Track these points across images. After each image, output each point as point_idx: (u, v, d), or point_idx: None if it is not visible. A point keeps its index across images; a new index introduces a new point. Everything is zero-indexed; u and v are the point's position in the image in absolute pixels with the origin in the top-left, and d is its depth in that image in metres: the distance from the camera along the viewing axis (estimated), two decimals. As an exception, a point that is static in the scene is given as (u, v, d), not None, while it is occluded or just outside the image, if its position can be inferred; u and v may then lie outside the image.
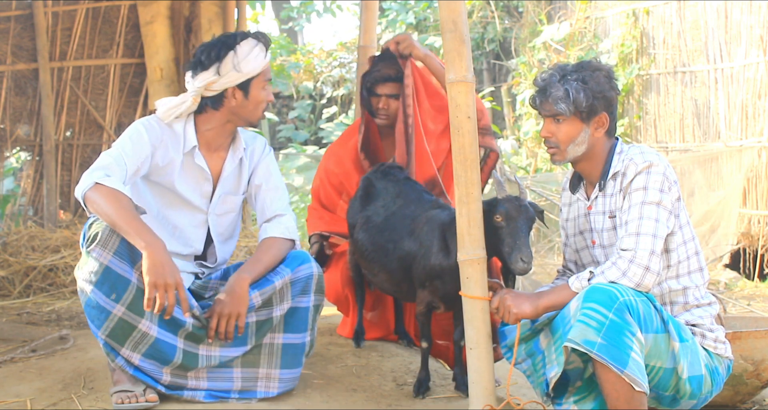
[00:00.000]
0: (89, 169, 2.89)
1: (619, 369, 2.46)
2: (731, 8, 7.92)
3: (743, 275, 7.46)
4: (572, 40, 9.84)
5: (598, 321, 2.48)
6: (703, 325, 2.73)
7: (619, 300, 2.50)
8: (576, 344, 2.50)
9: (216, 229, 3.23)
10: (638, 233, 2.60)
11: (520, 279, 5.70)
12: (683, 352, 2.60)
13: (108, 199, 2.76)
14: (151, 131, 3.05)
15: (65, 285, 5.61)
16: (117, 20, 6.92)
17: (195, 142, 3.11)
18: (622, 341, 2.47)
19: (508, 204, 2.82)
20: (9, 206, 7.16)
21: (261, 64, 3.05)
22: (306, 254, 3.10)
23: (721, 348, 2.74)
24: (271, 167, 3.27)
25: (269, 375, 3.02)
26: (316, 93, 12.66)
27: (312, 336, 3.08)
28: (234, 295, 2.94)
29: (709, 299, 2.78)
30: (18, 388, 3.16)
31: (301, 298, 3.04)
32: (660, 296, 2.73)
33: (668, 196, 2.67)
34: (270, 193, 3.22)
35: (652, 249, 2.58)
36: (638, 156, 2.73)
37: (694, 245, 2.76)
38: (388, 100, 3.65)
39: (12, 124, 6.84)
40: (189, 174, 3.14)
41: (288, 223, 3.17)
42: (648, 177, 2.67)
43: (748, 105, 7.72)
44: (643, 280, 2.57)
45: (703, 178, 7.84)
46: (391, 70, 3.64)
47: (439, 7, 2.85)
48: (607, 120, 2.79)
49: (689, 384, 2.62)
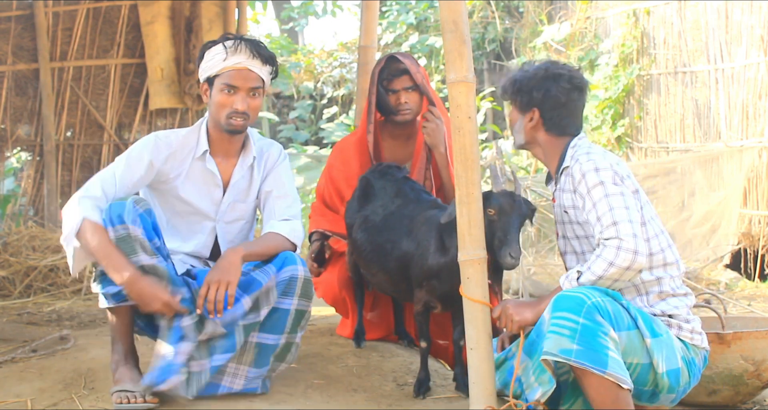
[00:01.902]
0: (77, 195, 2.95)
1: (601, 370, 2.47)
2: (732, 8, 7.92)
3: (744, 275, 7.46)
4: (573, 41, 9.85)
5: (570, 329, 2.50)
6: (679, 316, 2.75)
7: (587, 303, 2.52)
8: (553, 355, 2.52)
9: (224, 237, 3.23)
10: (615, 222, 2.62)
11: (521, 279, 5.69)
12: (656, 347, 2.62)
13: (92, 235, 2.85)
14: (154, 150, 3.08)
15: (66, 285, 5.61)
16: (117, 20, 6.92)
17: (206, 147, 3.12)
18: (598, 343, 2.49)
19: (502, 198, 2.84)
20: (9, 206, 7.16)
21: (216, 64, 3.05)
22: (295, 256, 3.05)
23: (697, 339, 2.76)
24: (283, 175, 3.25)
25: (237, 371, 2.97)
26: (316, 93, 12.67)
27: (288, 341, 3.02)
28: (225, 263, 2.91)
29: (684, 290, 2.80)
30: (18, 388, 3.16)
31: (283, 299, 2.99)
32: (635, 287, 2.75)
33: (624, 187, 2.70)
34: (279, 200, 3.20)
35: (633, 232, 2.59)
36: (583, 156, 2.78)
37: (665, 239, 2.79)
38: (408, 94, 3.64)
39: (13, 124, 6.84)
40: (199, 180, 3.15)
41: (296, 227, 3.15)
42: (598, 173, 2.71)
43: (748, 105, 7.72)
44: (633, 264, 2.58)
45: (704, 178, 7.84)
46: (400, 63, 3.64)
47: (440, 8, 2.85)
48: (536, 117, 2.88)
49: (667, 378, 2.65)
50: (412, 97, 3.63)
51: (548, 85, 2.86)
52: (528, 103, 2.89)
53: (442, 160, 3.57)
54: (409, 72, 3.60)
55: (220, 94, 3.06)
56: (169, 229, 3.16)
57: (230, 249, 2.97)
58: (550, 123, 2.89)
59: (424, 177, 3.63)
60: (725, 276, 7.24)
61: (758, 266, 7.47)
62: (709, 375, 3.22)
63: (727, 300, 5.53)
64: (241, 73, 3.06)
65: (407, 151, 3.74)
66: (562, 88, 2.85)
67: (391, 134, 3.76)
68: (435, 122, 3.55)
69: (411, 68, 3.60)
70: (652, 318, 2.68)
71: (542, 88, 2.86)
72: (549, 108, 2.87)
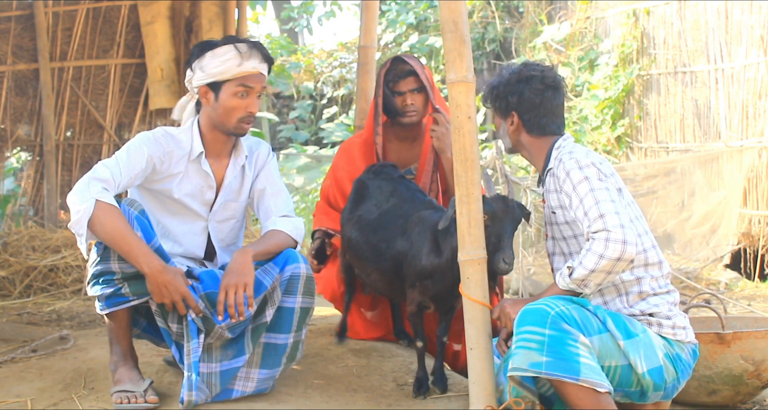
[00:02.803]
0: (86, 177, 2.88)
1: (574, 378, 2.48)
2: (732, 8, 7.91)
3: (744, 275, 7.46)
4: (573, 41, 9.85)
5: (536, 342, 2.52)
6: (659, 313, 2.75)
7: (551, 313, 2.54)
8: (522, 371, 2.54)
9: (216, 235, 3.23)
10: (602, 215, 2.62)
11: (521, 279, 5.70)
12: (632, 347, 2.63)
13: (109, 218, 2.79)
14: (153, 145, 3.05)
15: (66, 285, 5.61)
16: (117, 20, 6.92)
17: (202, 149, 3.12)
18: (568, 351, 2.51)
19: (495, 203, 2.84)
20: (9, 206, 7.16)
21: (231, 69, 3.02)
22: (297, 254, 3.06)
23: (681, 334, 2.76)
24: (274, 172, 3.26)
25: (248, 375, 2.99)
26: (316, 93, 12.67)
27: (296, 339, 3.03)
28: (237, 265, 2.90)
29: (667, 288, 2.80)
30: (18, 388, 3.16)
31: (286, 298, 3.00)
32: (615, 287, 2.76)
33: (608, 183, 2.72)
34: (275, 197, 3.21)
35: (620, 223, 2.60)
36: (566, 155, 2.80)
37: (648, 239, 2.80)
38: (413, 95, 3.63)
39: (12, 124, 6.84)
40: (193, 181, 3.14)
41: (297, 224, 3.16)
42: (582, 170, 2.72)
43: (748, 105, 7.72)
44: (623, 254, 2.58)
45: (704, 178, 7.84)
46: (406, 65, 3.63)
47: (440, 7, 2.85)
48: (516, 120, 2.92)
49: (650, 377, 2.65)
50: (418, 99, 3.62)
51: (521, 87, 2.90)
52: (506, 108, 2.94)
53: (449, 165, 3.56)
54: (416, 73, 3.59)
55: (233, 98, 3.05)
56: (159, 230, 3.13)
57: (239, 251, 2.97)
58: (529, 124, 2.92)
59: (431, 180, 3.62)
60: (725, 276, 7.23)
61: (758, 266, 7.47)
62: (709, 375, 3.22)
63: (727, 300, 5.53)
64: (254, 77, 3.07)
65: (413, 153, 3.74)
66: (535, 88, 2.89)
67: (397, 136, 3.75)
68: (444, 126, 3.54)
69: (417, 69, 3.59)
70: (626, 319, 2.69)
71: (516, 92, 2.90)
72: (525, 110, 2.91)
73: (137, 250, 2.80)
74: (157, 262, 2.81)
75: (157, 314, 2.93)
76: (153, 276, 2.80)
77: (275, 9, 15.14)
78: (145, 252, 2.81)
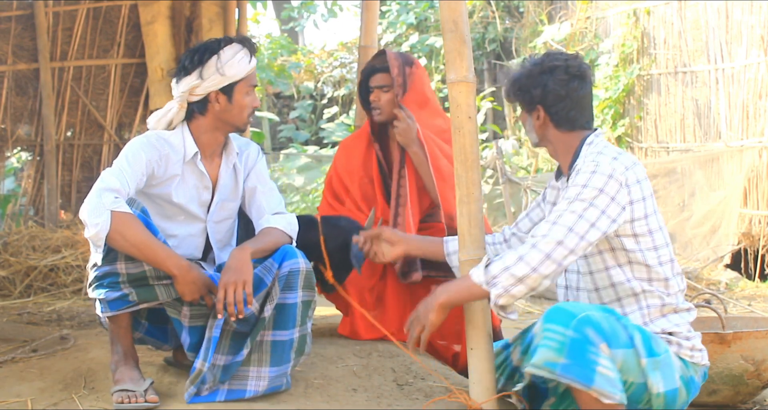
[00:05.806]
0: (96, 188, 2.84)
1: (586, 385, 2.40)
2: (732, 8, 7.92)
3: (744, 275, 7.46)
4: (573, 40, 9.85)
5: (558, 342, 2.43)
6: (679, 333, 2.66)
7: (578, 316, 2.44)
8: (537, 368, 2.46)
9: (215, 236, 3.23)
10: (555, 222, 2.54)
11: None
12: (652, 367, 2.52)
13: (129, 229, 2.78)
14: (150, 149, 3.03)
15: (66, 285, 5.61)
16: (118, 20, 6.92)
17: (196, 149, 3.10)
18: (587, 357, 2.41)
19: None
20: (10, 206, 7.17)
21: (245, 68, 3.04)
22: (294, 249, 3.06)
23: (697, 357, 2.68)
24: (263, 171, 3.28)
25: (259, 374, 2.99)
26: (316, 93, 12.68)
27: (302, 333, 3.03)
28: (236, 263, 2.89)
29: (687, 305, 2.71)
30: (19, 388, 3.16)
31: (287, 294, 2.99)
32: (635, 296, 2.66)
33: (607, 197, 2.56)
34: (266, 195, 3.22)
35: (561, 239, 2.50)
36: (594, 155, 2.66)
37: (668, 252, 2.69)
38: (379, 93, 3.60)
39: (13, 124, 6.83)
40: (189, 184, 3.13)
41: (291, 219, 3.17)
42: (591, 176, 2.58)
43: (748, 105, 7.72)
44: (540, 266, 2.50)
45: (704, 178, 7.85)
46: (376, 60, 3.62)
47: (440, 7, 2.85)
48: (542, 114, 2.77)
49: (663, 398, 2.56)
50: (383, 97, 3.59)
51: (545, 79, 2.72)
52: (531, 102, 2.77)
53: (418, 158, 3.53)
54: (388, 70, 3.55)
55: (246, 96, 3.07)
56: None
57: (236, 249, 2.96)
58: (557, 118, 2.75)
59: (398, 176, 3.59)
60: (725, 276, 7.24)
61: (758, 266, 7.48)
62: (709, 375, 3.22)
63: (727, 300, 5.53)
64: (254, 71, 3.13)
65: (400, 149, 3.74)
66: (559, 80, 2.71)
67: (385, 131, 3.76)
68: (406, 122, 3.50)
69: (392, 68, 3.53)
70: (651, 336, 2.58)
71: (540, 84, 2.73)
72: (551, 103, 2.73)
73: (163, 255, 2.81)
74: (183, 262, 2.83)
75: (167, 304, 2.96)
76: (182, 276, 2.82)
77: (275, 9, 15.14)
78: (170, 254, 2.82)
